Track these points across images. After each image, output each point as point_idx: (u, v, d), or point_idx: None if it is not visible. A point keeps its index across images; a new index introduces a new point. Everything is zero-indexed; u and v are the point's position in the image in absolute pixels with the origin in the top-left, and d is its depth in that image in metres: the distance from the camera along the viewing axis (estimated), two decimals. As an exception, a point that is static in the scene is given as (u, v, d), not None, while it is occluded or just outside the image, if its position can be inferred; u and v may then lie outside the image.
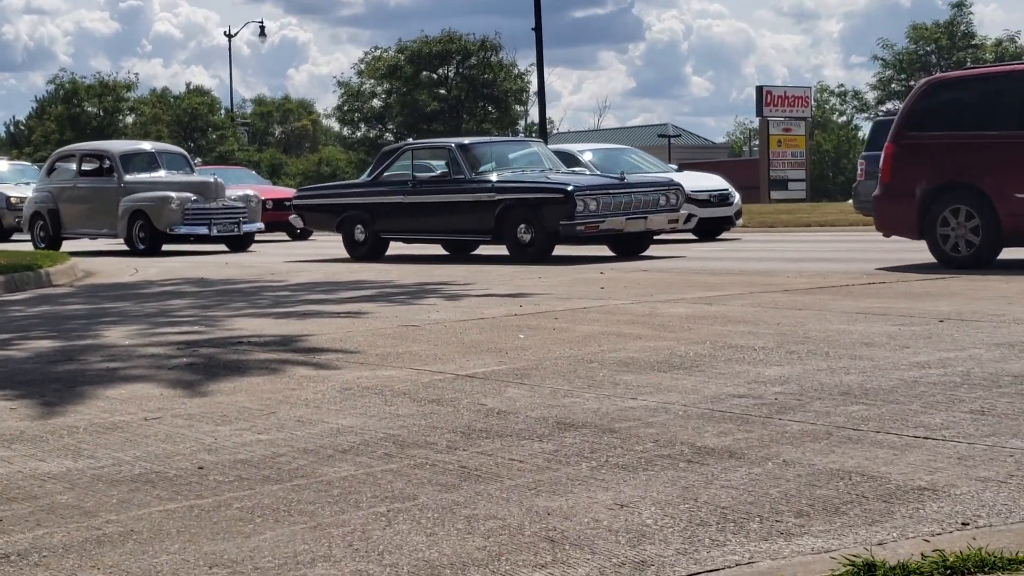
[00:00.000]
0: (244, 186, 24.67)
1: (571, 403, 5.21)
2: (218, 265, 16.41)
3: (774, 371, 5.82)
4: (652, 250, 16.29)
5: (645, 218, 15.19)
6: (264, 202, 24.02)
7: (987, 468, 3.88)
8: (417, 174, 16.63)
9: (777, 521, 3.41)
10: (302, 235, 25.94)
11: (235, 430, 4.89)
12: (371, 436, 4.69)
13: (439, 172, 16.65)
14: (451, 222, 15.90)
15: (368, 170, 17.57)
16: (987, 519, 3.37)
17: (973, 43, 57.02)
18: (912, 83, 57.61)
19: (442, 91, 70.54)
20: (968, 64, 56.70)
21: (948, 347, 6.36)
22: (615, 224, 14.85)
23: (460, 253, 17.23)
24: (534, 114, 68.77)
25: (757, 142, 53.42)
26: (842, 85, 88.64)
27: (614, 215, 14.83)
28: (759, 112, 45.06)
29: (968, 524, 3.33)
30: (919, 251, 12.59)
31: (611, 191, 15.00)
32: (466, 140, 16.87)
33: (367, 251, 16.76)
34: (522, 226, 15.02)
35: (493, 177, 15.63)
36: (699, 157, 57.78)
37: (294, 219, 18.95)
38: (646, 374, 5.88)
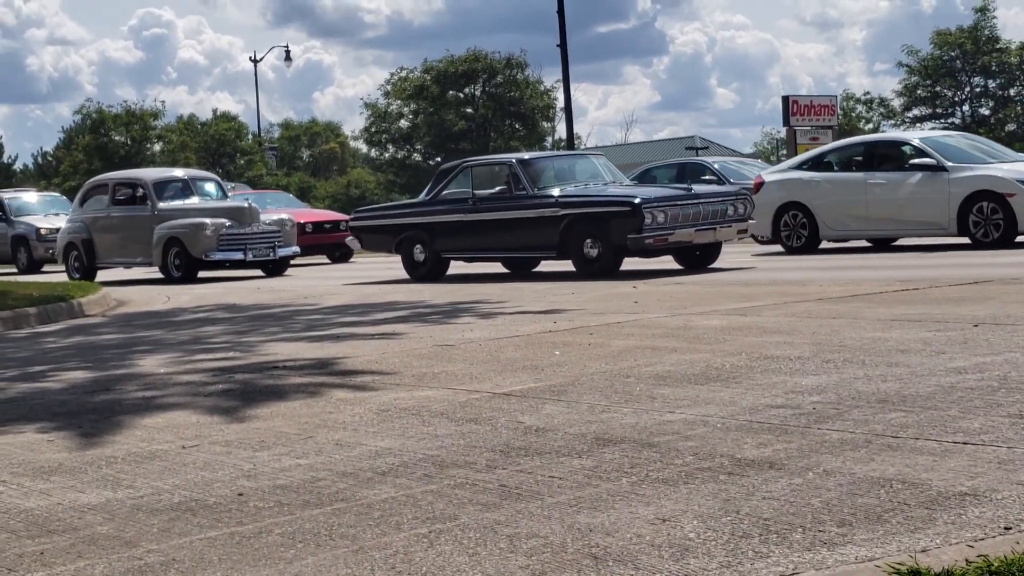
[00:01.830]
0: (283, 210, 24.74)
1: (609, 418, 5.21)
2: (250, 290, 16.49)
3: (811, 380, 5.80)
4: (721, 260, 15.94)
5: (714, 229, 14.91)
6: (304, 225, 24.15)
7: (1030, 472, 3.85)
8: (476, 191, 16.26)
9: (820, 531, 3.40)
10: (342, 258, 25.80)
11: (273, 455, 4.91)
12: (410, 457, 4.70)
13: (498, 189, 16.24)
14: (513, 239, 15.67)
15: (426, 189, 17.41)
16: (1031, 524, 3.35)
17: (998, 47, 56.66)
18: (938, 89, 57.39)
19: (469, 110, 70.69)
20: (993, 67, 56.40)
21: (984, 352, 6.32)
22: (684, 236, 14.56)
23: (521, 271, 17.01)
24: (561, 130, 68.84)
25: (784, 152, 53.35)
26: (868, 93, 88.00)
27: (682, 227, 14.54)
28: (786, 122, 44.97)
29: (1011, 529, 3.31)
30: (937, 257, 12.50)
31: (679, 202, 14.68)
32: (526, 155, 16.62)
33: (427, 271, 16.54)
34: (588, 241, 14.74)
35: (556, 192, 15.38)
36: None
37: (351, 241, 18.46)
38: (683, 387, 5.87)
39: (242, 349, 8.84)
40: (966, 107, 58.13)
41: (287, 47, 66.94)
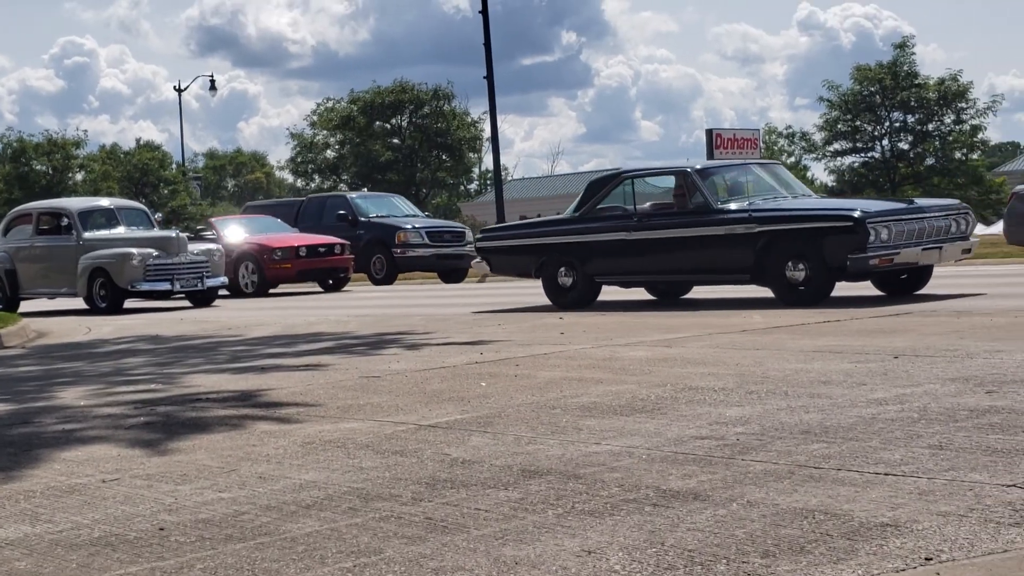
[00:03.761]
0: (272, 236, 24.45)
1: (535, 450, 5.21)
2: (174, 321, 16.31)
3: (735, 411, 5.85)
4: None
5: (940, 248, 12.79)
6: (297, 249, 23.70)
7: (947, 503, 3.91)
8: (639, 206, 14.21)
9: (744, 562, 3.42)
10: (336, 285, 24.68)
11: (196, 489, 4.85)
12: (334, 490, 4.67)
13: (666, 203, 14.23)
14: (690, 261, 13.55)
15: (573, 204, 15.17)
16: (950, 553, 3.40)
17: (916, 83, 57.71)
18: (858, 123, 58.25)
19: (396, 140, 70.64)
20: (912, 102, 57.41)
21: (904, 383, 6.41)
22: (910, 256, 12.47)
23: (668, 298, 15.06)
24: (488, 161, 69.02)
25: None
26: (789, 127, 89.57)
27: (908, 245, 12.46)
28: (710, 155, 45.44)
29: (931, 559, 3.36)
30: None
31: (904, 216, 12.71)
32: (702, 164, 14.57)
33: (577, 296, 14.43)
34: (792, 263, 12.65)
35: (744, 205, 13.29)
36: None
37: (478, 264, 16.12)
38: (609, 418, 5.89)
39: (164, 381, 8.74)
40: (885, 141, 59.04)
41: (212, 76, 66.55)
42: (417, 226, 26.63)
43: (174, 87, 66.97)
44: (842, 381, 6.62)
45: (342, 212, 27.07)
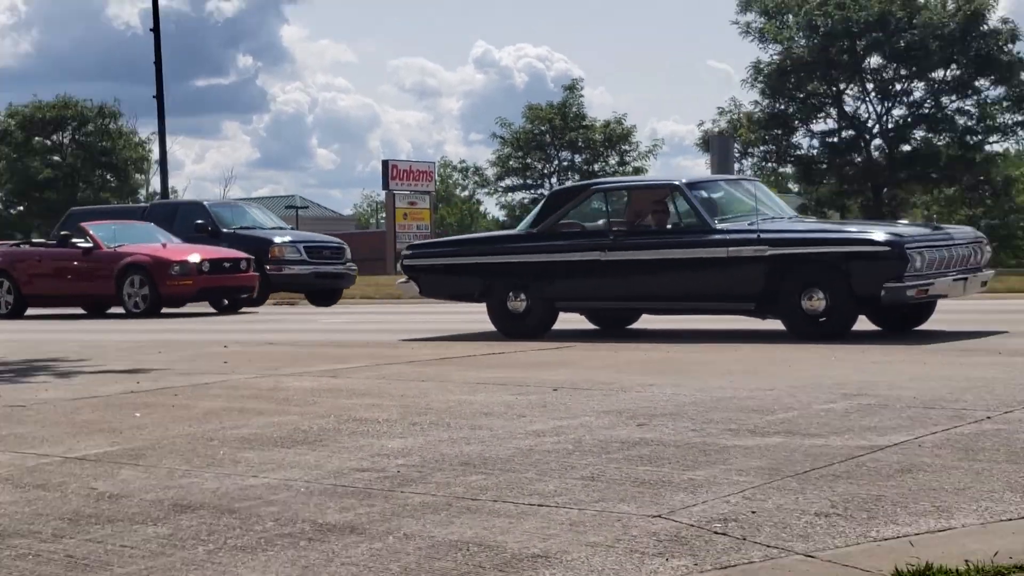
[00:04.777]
0: (168, 247, 20.94)
1: (189, 483, 5.04)
2: None
3: (397, 443, 5.84)
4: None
5: (966, 279, 11.65)
6: (199, 264, 20.19)
7: (596, 533, 4.01)
8: (614, 222, 12.71)
9: (396, 597, 3.39)
10: (232, 307, 21.24)
11: None
12: (-33, 527, 4.36)
13: (647, 220, 12.84)
14: (682, 286, 12.10)
15: (529, 218, 13.57)
16: (598, 584, 3.47)
17: (584, 124, 59.93)
18: (529, 161, 59.96)
19: (56, 158, 67.63)
20: (579, 143, 59.59)
21: (562, 415, 6.58)
22: (942, 288, 11.26)
23: (614, 327, 13.59)
24: (156, 183, 67.02)
25: (384, 215, 54.17)
26: (463, 161, 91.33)
27: (942, 274, 11.25)
28: (385, 185, 45.73)
29: (580, 590, 3.42)
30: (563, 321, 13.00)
31: (937, 243, 11.44)
32: (690, 178, 13.05)
33: (534, 323, 12.71)
34: (810, 291, 11.27)
35: (750, 225, 11.80)
36: (327, 229, 57.91)
37: (405, 286, 13.95)
38: (268, 450, 5.76)
39: None
40: (555, 179, 60.98)
41: None
42: (293, 240, 23.71)
43: None
44: (503, 413, 6.73)
45: (201, 222, 23.33)
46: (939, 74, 47.22)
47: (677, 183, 12.49)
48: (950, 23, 45.15)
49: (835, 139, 49.19)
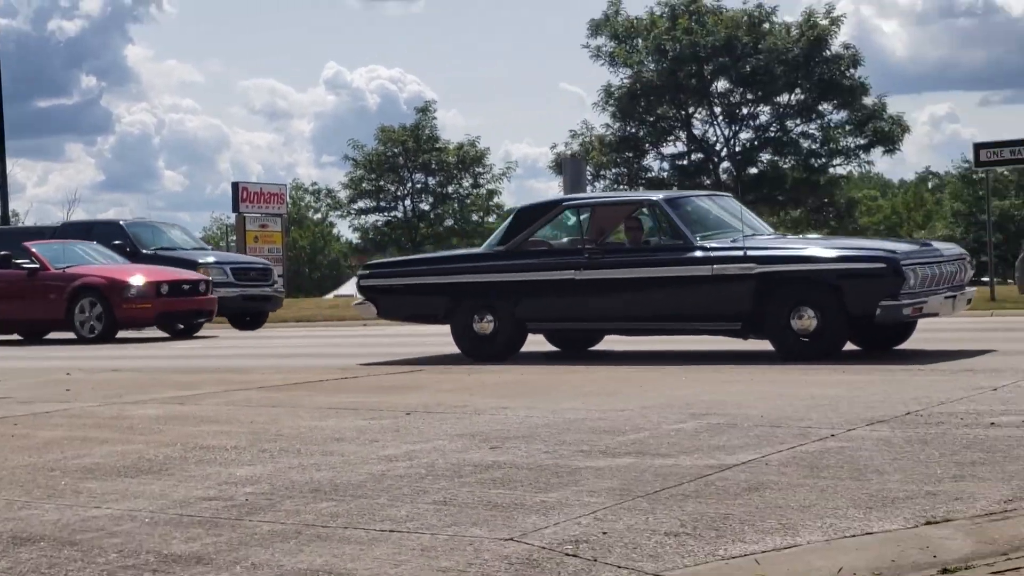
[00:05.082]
0: (122, 267, 19.62)
1: (28, 515, 4.87)
2: None
3: (246, 471, 5.74)
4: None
5: (955, 297, 11.37)
6: (158, 286, 19.01)
7: (448, 558, 3.98)
8: (588, 239, 12.18)
9: (243, 629, 3.32)
10: (187, 331, 20.14)
11: None
12: None
13: (624, 238, 12.64)
14: (663, 306, 11.61)
15: (496, 235, 12.97)
16: (449, 610, 3.45)
17: (437, 146, 60.01)
18: (382, 183, 59.84)
19: None
20: (432, 165, 59.69)
21: (415, 439, 6.54)
22: (934, 306, 10.94)
23: (574, 348, 13.15)
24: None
25: (235, 238, 53.54)
26: (315, 183, 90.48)
27: (934, 292, 10.94)
28: (235, 208, 45.15)
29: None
30: (394, 345, 12.96)
31: (929, 260, 11.13)
32: (667, 194, 12.59)
33: (504, 344, 12.24)
34: (800, 310, 10.90)
35: (733, 242, 11.48)
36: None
37: (362, 307, 13.37)
38: (112, 480, 5.61)
39: None
40: (408, 201, 60.89)
41: None
42: (219, 261, 22.77)
43: None
44: (355, 438, 6.66)
45: (118, 243, 22.16)
46: (784, 98, 48.37)
47: (655, 199, 12.24)
48: (794, 48, 46.33)
49: (685, 162, 50.00)
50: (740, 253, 11.20)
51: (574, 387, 9.11)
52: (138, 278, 19.14)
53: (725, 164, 49.77)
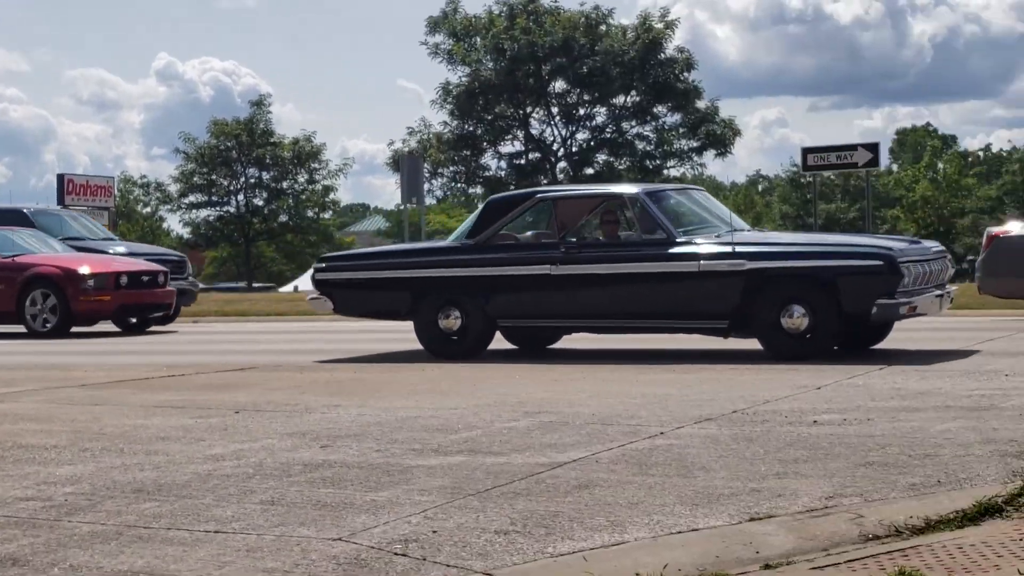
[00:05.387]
0: (78, 256, 18.05)
1: None
2: None
3: (66, 471, 5.56)
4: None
5: (942, 296, 11.05)
6: (118, 277, 17.47)
7: (274, 559, 3.91)
8: (565, 233, 11.83)
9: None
10: (140, 326, 18.75)
11: None
12: None
13: (596, 232, 12.11)
14: (645, 303, 11.14)
15: (463, 228, 12.48)
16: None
17: (272, 141, 59.24)
18: (215, 177, 58.80)
19: None
20: (267, 159, 58.92)
21: (243, 438, 6.42)
22: (926, 304, 10.65)
23: (532, 346, 12.48)
24: None
25: (60, 230, 52.04)
26: (144, 176, 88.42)
27: (925, 291, 10.69)
28: (60, 201, 43.90)
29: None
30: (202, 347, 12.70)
31: (920, 258, 10.85)
32: (647, 187, 12.09)
33: (473, 342, 11.70)
34: (791, 308, 10.51)
35: (718, 237, 11.07)
36: None
37: (317, 302, 12.63)
38: (-79, 481, 5.37)
39: None
40: (241, 196, 59.98)
41: None
42: (131, 252, 20.87)
43: None
44: (181, 437, 6.51)
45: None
46: (620, 100, 49.13)
47: (635, 192, 11.72)
48: (630, 51, 47.06)
49: (522, 161, 50.39)
50: (728, 249, 10.82)
51: (408, 385, 9.07)
52: (96, 268, 17.65)
53: (562, 164, 50.30)
